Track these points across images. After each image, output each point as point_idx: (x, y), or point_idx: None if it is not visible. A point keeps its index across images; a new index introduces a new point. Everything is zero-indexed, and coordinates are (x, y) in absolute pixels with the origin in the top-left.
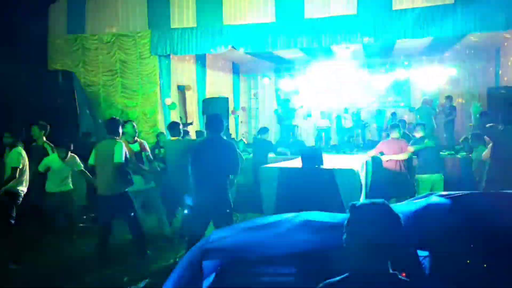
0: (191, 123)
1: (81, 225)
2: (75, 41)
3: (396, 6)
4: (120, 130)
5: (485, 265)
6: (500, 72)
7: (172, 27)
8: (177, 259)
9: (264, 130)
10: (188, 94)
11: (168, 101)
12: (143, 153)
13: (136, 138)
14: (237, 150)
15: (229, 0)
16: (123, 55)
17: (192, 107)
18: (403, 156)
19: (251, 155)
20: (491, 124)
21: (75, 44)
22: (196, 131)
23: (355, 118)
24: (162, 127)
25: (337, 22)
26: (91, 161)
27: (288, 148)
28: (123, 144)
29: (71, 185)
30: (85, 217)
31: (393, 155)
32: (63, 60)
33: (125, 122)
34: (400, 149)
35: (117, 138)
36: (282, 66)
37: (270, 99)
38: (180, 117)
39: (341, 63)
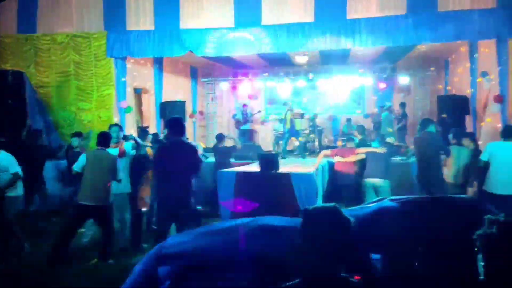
0: (147, 127)
1: None
2: (26, 41)
3: (351, 15)
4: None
5: (432, 267)
6: (448, 81)
7: (128, 29)
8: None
9: (220, 137)
10: (144, 97)
11: (124, 104)
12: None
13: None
14: (198, 152)
15: (188, 3)
16: (77, 57)
17: (149, 110)
18: (354, 158)
19: (208, 159)
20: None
21: (26, 44)
22: (152, 134)
23: (311, 123)
24: None
25: (294, 29)
26: (77, 168)
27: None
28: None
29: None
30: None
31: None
32: (14, 60)
33: (111, 125)
34: (351, 155)
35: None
36: (240, 71)
37: (228, 104)
38: (137, 121)
39: (298, 69)
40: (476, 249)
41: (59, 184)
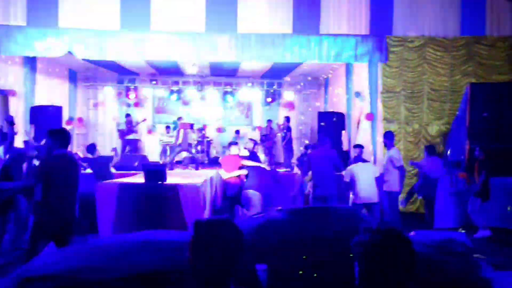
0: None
1: None
2: None
3: (241, 29)
4: None
5: (315, 275)
6: (328, 99)
7: None
8: None
9: (92, 147)
10: (12, 100)
11: None
12: None
13: None
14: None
15: (67, 0)
16: None
17: (18, 115)
18: (239, 172)
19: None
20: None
21: None
22: (24, 141)
23: (200, 134)
24: None
25: (185, 38)
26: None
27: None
28: None
29: None
30: None
31: (233, 171)
32: None
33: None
34: (235, 162)
35: None
36: (126, 77)
37: (112, 111)
38: (1, 126)
39: (188, 79)
40: (350, 255)
41: None
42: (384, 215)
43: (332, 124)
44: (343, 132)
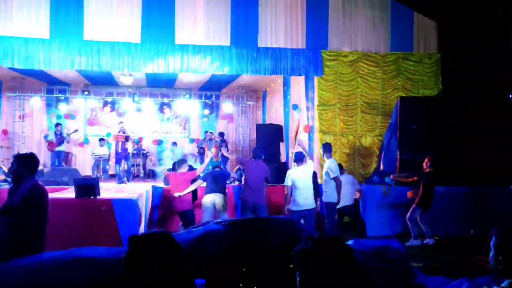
0: None
1: None
2: None
3: (179, 40)
4: None
5: (255, 287)
6: (266, 111)
7: None
8: None
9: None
10: None
11: None
12: None
13: None
14: None
15: None
16: None
17: None
18: (195, 186)
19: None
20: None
21: None
22: None
23: (136, 146)
24: None
25: (119, 48)
26: None
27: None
28: None
29: None
30: None
31: (185, 190)
32: None
33: None
34: (185, 180)
35: None
36: (56, 87)
37: (40, 123)
38: None
39: (123, 90)
40: (291, 265)
41: None
42: (322, 224)
43: (270, 136)
44: (281, 143)
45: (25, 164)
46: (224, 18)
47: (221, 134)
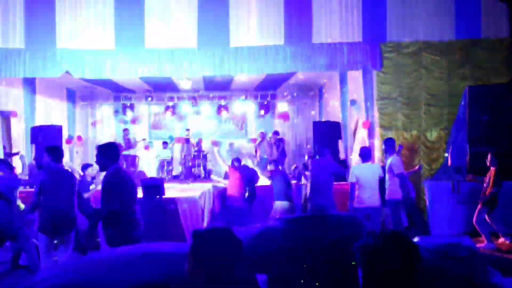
0: (16, 153)
1: None
2: None
3: (233, 43)
4: None
5: (317, 284)
6: (323, 108)
7: None
8: None
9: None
10: (13, 121)
11: None
12: None
13: None
14: None
15: (64, 22)
16: None
17: (19, 135)
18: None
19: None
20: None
21: None
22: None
23: (196, 148)
24: None
25: (178, 54)
26: None
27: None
28: None
29: None
30: None
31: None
32: None
33: None
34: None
35: None
36: (122, 94)
37: (110, 129)
38: (4, 146)
39: (182, 94)
40: (354, 262)
41: None
42: (386, 223)
43: (327, 133)
44: (340, 141)
45: (105, 153)
46: (277, 17)
47: (276, 133)
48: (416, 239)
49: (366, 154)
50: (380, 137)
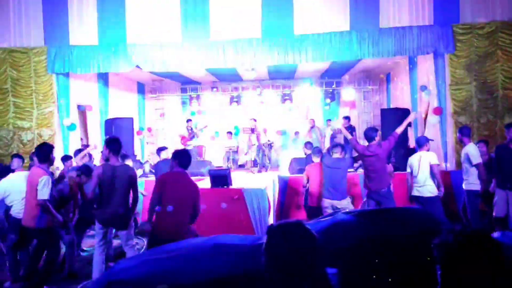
0: (89, 146)
1: None
2: None
3: (298, 31)
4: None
5: (390, 279)
6: (390, 94)
7: (71, 43)
8: None
9: (162, 148)
10: (89, 114)
11: (67, 121)
12: None
13: None
14: None
15: (133, 18)
16: (15, 73)
17: (94, 128)
18: None
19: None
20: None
21: None
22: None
23: (261, 137)
24: (60, 151)
25: (242, 44)
26: None
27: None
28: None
29: None
30: None
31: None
32: None
33: None
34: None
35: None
36: (188, 86)
37: (177, 120)
38: (81, 139)
39: (247, 84)
40: (429, 258)
41: None
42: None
43: (395, 121)
44: (409, 128)
45: (176, 158)
46: (343, 2)
47: (347, 118)
48: (496, 234)
49: (419, 142)
50: (453, 124)
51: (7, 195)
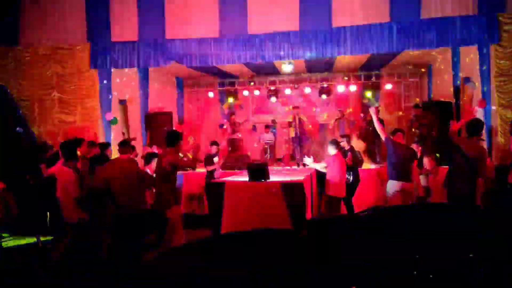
0: (134, 139)
1: None
2: (7, 54)
3: (336, 23)
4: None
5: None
6: (432, 87)
7: (112, 40)
8: None
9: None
10: (130, 108)
11: (109, 116)
12: None
13: None
14: None
15: (172, 14)
16: (60, 69)
17: (135, 122)
18: None
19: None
20: None
21: (7, 57)
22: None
23: (299, 131)
24: None
25: (279, 38)
26: None
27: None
28: None
29: None
30: None
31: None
32: None
33: None
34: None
35: None
36: (226, 81)
37: (215, 114)
38: (123, 133)
39: (284, 78)
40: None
41: None
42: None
43: (438, 114)
44: (451, 122)
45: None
46: None
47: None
48: None
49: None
50: (499, 117)
51: None
